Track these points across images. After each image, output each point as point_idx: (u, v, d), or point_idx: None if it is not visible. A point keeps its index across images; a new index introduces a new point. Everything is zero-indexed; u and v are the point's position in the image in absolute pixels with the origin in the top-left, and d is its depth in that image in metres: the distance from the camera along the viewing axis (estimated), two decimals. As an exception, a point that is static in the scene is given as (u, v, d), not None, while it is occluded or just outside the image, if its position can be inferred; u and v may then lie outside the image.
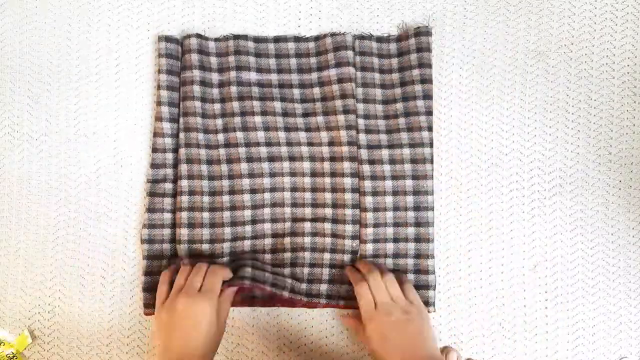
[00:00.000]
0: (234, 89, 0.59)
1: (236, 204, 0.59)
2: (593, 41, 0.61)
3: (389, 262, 0.59)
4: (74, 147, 0.61)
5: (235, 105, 0.59)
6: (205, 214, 0.58)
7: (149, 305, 0.57)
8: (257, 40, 0.61)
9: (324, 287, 0.58)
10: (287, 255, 0.59)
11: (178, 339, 0.49)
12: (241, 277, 0.54)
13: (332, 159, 0.59)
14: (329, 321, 0.59)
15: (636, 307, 0.58)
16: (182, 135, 0.59)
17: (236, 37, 0.61)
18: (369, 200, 0.58)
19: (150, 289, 0.57)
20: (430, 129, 0.59)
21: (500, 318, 0.59)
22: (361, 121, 0.60)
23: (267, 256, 0.59)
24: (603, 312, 0.58)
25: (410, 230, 0.58)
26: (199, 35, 0.60)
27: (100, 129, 0.61)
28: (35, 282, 0.60)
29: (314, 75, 0.61)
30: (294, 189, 0.60)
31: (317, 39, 0.61)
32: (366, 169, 0.59)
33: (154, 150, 0.59)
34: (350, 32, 0.61)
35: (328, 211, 0.59)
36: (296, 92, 0.61)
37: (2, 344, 0.58)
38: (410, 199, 0.58)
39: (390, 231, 0.58)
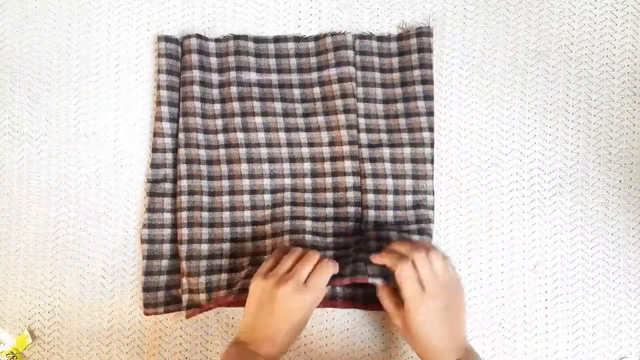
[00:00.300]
0: (234, 90, 0.59)
1: (236, 204, 0.59)
2: (593, 41, 0.61)
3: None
4: (74, 147, 0.61)
5: (236, 105, 0.59)
6: (205, 214, 0.58)
7: (149, 305, 0.57)
8: (257, 40, 0.61)
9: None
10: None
11: (270, 323, 0.49)
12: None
13: (333, 158, 0.59)
14: (329, 321, 0.59)
15: (636, 307, 0.58)
16: (181, 135, 0.59)
17: (236, 37, 0.60)
18: (370, 198, 0.58)
19: (150, 289, 0.57)
20: (431, 129, 0.59)
21: (500, 318, 0.59)
22: (362, 120, 0.60)
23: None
24: (603, 312, 0.58)
25: (412, 227, 0.58)
26: (199, 36, 0.60)
27: (100, 129, 0.61)
28: (35, 282, 0.60)
29: (314, 75, 0.61)
30: (294, 190, 0.59)
31: (317, 38, 0.61)
32: (367, 166, 0.59)
33: (154, 150, 0.59)
34: (350, 31, 0.61)
35: (329, 210, 0.59)
36: (296, 92, 0.61)
37: (2, 344, 0.58)
38: (409, 198, 0.58)
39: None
